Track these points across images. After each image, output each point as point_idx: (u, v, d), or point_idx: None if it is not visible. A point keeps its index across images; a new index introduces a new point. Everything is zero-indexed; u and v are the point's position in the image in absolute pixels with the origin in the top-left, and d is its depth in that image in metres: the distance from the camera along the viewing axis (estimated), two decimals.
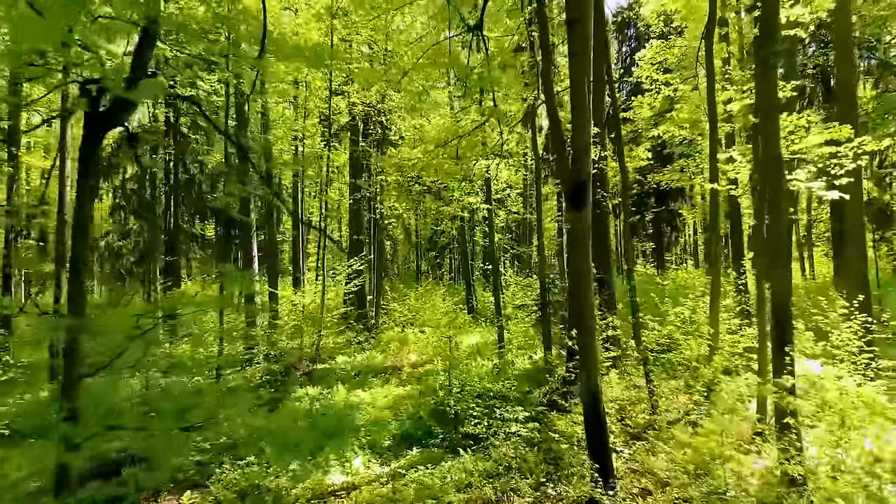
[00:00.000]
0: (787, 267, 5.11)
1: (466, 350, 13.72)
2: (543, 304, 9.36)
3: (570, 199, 5.12)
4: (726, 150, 8.90)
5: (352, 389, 10.03)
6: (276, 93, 16.15)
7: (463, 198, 9.76)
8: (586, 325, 5.17)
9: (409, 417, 8.15)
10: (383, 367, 12.59)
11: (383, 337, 15.83)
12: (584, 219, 5.10)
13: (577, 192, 5.08)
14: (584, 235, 5.10)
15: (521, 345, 12.09)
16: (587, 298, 5.19)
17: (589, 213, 5.15)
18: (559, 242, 12.73)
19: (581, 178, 5.08)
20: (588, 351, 5.15)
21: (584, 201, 5.09)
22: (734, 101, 8.82)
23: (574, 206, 5.09)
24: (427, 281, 25.85)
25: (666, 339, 9.02)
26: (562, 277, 11.43)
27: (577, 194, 5.09)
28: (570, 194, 5.10)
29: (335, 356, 13.25)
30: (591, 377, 5.10)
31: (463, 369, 8.56)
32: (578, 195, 5.08)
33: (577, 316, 5.23)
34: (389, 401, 9.31)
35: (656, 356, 8.52)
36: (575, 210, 5.10)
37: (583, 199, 5.08)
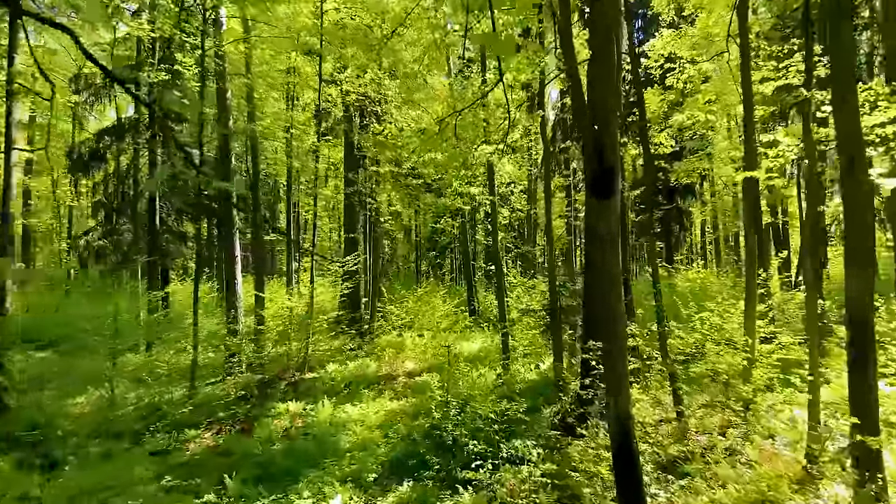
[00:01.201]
0: (869, 266, 4.08)
1: (468, 356, 12.71)
2: (553, 309, 8.34)
3: (593, 186, 4.09)
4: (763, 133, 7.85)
5: (339, 404, 9.02)
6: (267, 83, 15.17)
7: (463, 188, 8.75)
8: (615, 340, 4.14)
9: (403, 439, 7.14)
10: (377, 376, 11.57)
11: (379, 342, 14.81)
12: (612, 210, 4.08)
13: (603, 176, 4.06)
14: (612, 230, 4.07)
15: (526, 351, 11.07)
16: (616, 307, 4.16)
17: (618, 202, 4.13)
18: (568, 241, 11.68)
19: (608, 159, 4.06)
20: (617, 371, 4.13)
21: (611, 188, 4.06)
22: (768, 80, 7.80)
23: (599, 193, 4.07)
24: (427, 282, 24.85)
25: (692, 348, 7.98)
26: (571, 279, 10.36)
27: (603, 179, 4.06)
28: (595, 179, 4.08)
29: (326, 364, 12.24)
30: (620, 404, 4.07)
31: (463, 384, 7.54)
32: (605, 180, 4.06)
33: (604, 328, 4.21)
34: (380, 417, 8.29)
35: (683, 369, 7.49)
36: (600, 199, 4.08)
37: (610, 186, 4.06)
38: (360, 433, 7.50)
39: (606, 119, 4.11)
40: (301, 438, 7.30)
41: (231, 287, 11.20)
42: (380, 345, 14.42)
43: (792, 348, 7.77)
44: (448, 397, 6.77)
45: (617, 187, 4.09)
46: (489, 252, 25.06)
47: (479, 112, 5.77)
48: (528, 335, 10.78)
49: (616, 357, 4.11)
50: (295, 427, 7.86)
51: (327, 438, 7.25)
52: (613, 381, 4.13)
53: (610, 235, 4.08)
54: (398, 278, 27.94)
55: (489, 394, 7.17)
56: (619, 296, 4.14)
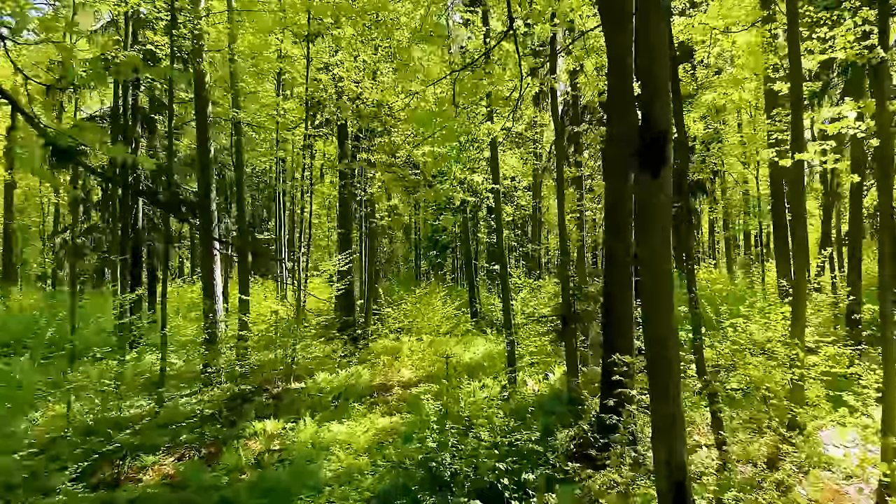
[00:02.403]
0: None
1: (469, 363, 11.68)
2: (566, 315, 7.31)
3: (640, 157, 3.05)
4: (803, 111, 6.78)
5: (325, 421, 8.00)
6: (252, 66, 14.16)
7: (465, 174, 7.73)
8: (665, 365, 3.08)
9: (393, 467, 6.10)
10: (369, 386, 10.56)
11: (374, 347, 13.78)
12: (662, 187, 3.03)
13: (653, 145, 3.02)
14: (663, 213, 3.03)
15: (534, 360, 10.05)
16: (665, 319, 3.10)
17: (670, 178, 3.09)
18: (579, 238, 10.64)
19: (658, 120, 3.03)
20: (667, 408, 3.08)
21: (662, 159, 3.02)
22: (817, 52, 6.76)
23: (648, 165, 3.03)
24: (427, 282, 23.85)
25: (728, 360, 6.94)
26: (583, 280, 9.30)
27: (652, 149, 3.03)
28: (643, 149, 3.04)
29: (315, 372, 11.21)
30: (675, 456, 3.02)
31: (464, 401, 6.50)
32: (655, 150, 3.02)
33: (652, 349, 3.16)
34: (369, 438, 7.28)
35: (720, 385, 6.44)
36: (648, 174, 3.03)
37: (661, 155, 3.02)
38: (344, 459, 6.48)
39: (655, 64, 3.07)
40: (275, 466, 6.28)
41: (209, 289, 10.19)
42: (374, 350, 13.40)
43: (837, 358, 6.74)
44: (447, 423, 5.74)
45: (669, 158, 3.05)
46: (491, 251, 24.06)
47: (483, 80, 4.79)
48: (535, 342, 9.74)
49: (667, 388, 3.06)
50: (270, 450, 6.85)
51: (306, 466, 6.23)
52: (664, 422, 3.08)
53: (661, 221, 3.04)
54: (397, 278, 26.94)
55: (493, 411, 6.13)
56: (669, 305, 3.10)
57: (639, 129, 3.08)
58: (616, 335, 6.06)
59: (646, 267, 3.13)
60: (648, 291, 3.17)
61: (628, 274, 6.07)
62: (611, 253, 6.22)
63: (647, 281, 3.18)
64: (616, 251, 6.14)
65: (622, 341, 6.01)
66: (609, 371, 5.92)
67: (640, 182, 3.15)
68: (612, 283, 6.21)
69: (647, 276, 3.15)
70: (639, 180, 3.17)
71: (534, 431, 5.79)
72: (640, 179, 3.14)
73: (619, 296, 6.05)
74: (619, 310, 6.03)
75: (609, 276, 6.26)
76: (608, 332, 6.19)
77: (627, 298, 6.08)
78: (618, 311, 6.07)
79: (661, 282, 3.09)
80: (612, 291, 6.19)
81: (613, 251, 6.14)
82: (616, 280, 6.08)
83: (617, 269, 6.10)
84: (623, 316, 6.07)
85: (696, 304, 5.61)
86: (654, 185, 3.06)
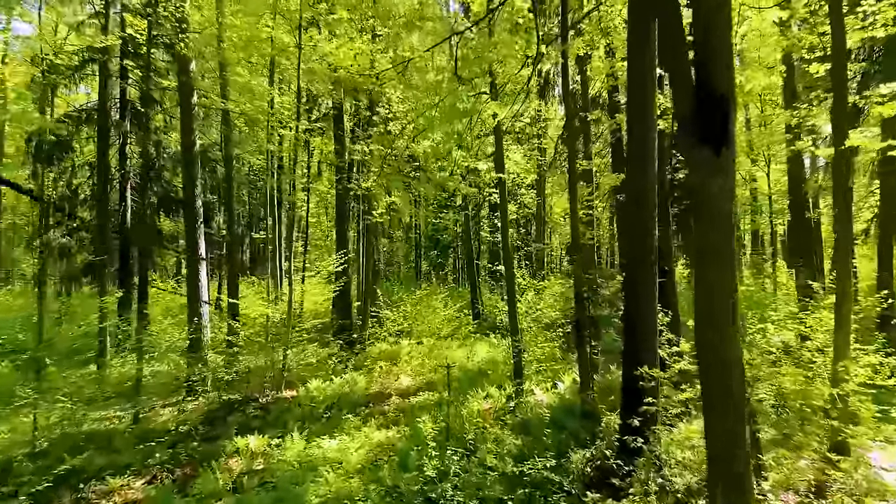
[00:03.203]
0: None
1: (472, 369, 11.00)
2: (580, 320, 6.62)
3: (696, 130, 2.38)
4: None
5: (315, 435, 7.33)
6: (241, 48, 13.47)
7: (468, 162, 7.03)
8: (728, 399, 2.40)
9: (388, 492, 5.44)
10: (365, 395, 9.88)
11: (371, 352, 13.12)
12: (725, 170, 2.36)
13: (713, 113, 2.35)
14: (724, 203, 2.36)
15: (541, 367, 9.38)
16: (726, 320, 2.42)
17: (734, 157, 2.41)
18: (591, 237, 9.95)
19: (718, 80, 2.35)
20: (733, 455, 2.40)
21: (725, 131, 2.35)
22: None
23: (708, 141, 2.35)
24: (428, 283, 23.18)
25: (759, 371, 6.25)
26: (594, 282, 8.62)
27: (712, 119, 2.35)
28: (699, 119, 2.36)
29: (308, 380, 10.55)
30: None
31: (468, 423, 5.82)
32: (716, 119, 2.34)
33: (709, 375, 2.48)
34: (362, 456, 6.59)
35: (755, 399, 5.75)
36: (707, 151, 2.36)
37: (723, 127, 2.35)
38: (333, 482, 5.80)
39: (714, 15, 2.39)
40: (256, 491, 5.61)
41: (193, 291, 9.53)
42: (372, 355, 12.73)
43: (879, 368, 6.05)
44: (449, 444, 5.06)
45: (732, 131, 2.37)
46: (494, 251, 23.37)
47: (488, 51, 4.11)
48: (543, 348, 9.06)
49: (730, 428, 2.38)
50: (252, 471, 6.18)
51: (290, 491, 5.56)
52: (726, 473, 2.40)
53: (723, 212, 2.37)
54: (397, 279, 26.29)
55: (500, 433, 5.45)
56: (732, 305, 2.42)
57: (693, 95, 2.40)
58: (640, 344, 5.38)
59: (707, 266, 2.44)
60: (706, 293, 2.49)
61: (652, 275, 5.40)
62: (632, 251, 5.54)
63: (709, 281, 2.50)
64: (638, 249, 5.46)
65: (646, 351, 5.33)
66: (632, 385, 5.25)
67: (695, 163, 2.47)
68: (634, 285, 5.53)
69: (710, 275, 2.47)
70: (693, 161, 2.49)
71: (546, 454, 5.10)
72: (696, 160, 2.46)
73: (643, 299, 5.37)
74: (644, 315, 5.35)
75: (631, 277, 5.57)
76: (631, 340, 5.50)
77: (652, 302, 5.41)
78: (642, 317, 5.39)
79: (724, 282, 2.41)
80: (636, 294, 5.51)
81: (636, 249, 5.46)
82: (639, 281, 5.40)
83: (640, 270, 5.42)
84: (648, 322, 5.40)
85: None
86: (714, 165, 2.38)
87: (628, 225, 5.73)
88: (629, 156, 5.64)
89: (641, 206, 5.42)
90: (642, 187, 5.48)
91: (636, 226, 5.42)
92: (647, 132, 5.31)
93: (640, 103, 5.41)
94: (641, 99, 5.41)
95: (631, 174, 5.69)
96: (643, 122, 5.38)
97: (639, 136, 5.46)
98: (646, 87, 5.37)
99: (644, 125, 5.39)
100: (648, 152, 5.44)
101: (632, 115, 5.59)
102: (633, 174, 5.66)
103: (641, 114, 5.42)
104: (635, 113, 5.52)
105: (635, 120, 5.52)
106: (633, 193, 5.52)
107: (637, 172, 5.61)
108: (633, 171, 5.67)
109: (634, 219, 5.49)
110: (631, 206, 5.54)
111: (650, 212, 5.38)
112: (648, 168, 5.48)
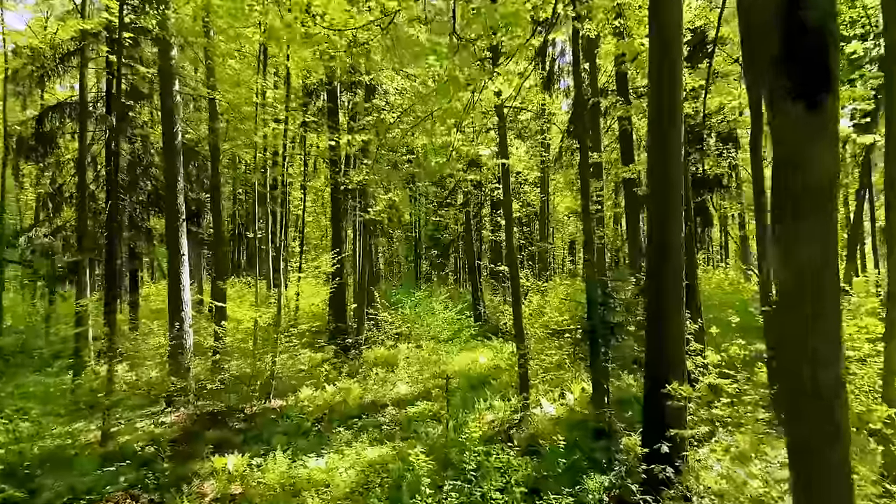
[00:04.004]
0: None
1: (473, 375, 10.35)
2: (595, 326, 5.95)
3: (779, 74, 1.71)
4: None
5: (302, 452, 6.67)
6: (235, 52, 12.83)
7: (468, 147, 6.38)
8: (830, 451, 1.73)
9: None
10: (359, 405, 9.24)
11: (367, 357, 12.48)
12: (826, 130, 1.68)
13: (806, 49, 1.68)
14: (826, 177, 1.69)
15: (549, 376, 8.71)
16: (835, 332, 1.75)
17: (837, 114, 1.73)
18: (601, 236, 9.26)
19: (815, 11, 1.68)
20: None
21: (825, 74, 1.67)
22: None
23: (803, 93, 1.68)
24: (428, 283, 22.53)
25: None
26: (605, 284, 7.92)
27: (806, 57, 1.68)
28: (783, 57, 1.69)
29: (298, 388, 9.90)
30: None
31: (469, 453, 5.14)
32: (811, 58, 1.68)
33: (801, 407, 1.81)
34: (353, 477, 5.93)
35: None
36: (799, 105, 1.69)
37: (823, 70, 1.67)
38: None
39: None
40: None
41: (175, 294, 8.88)
42: (368, 361, 12.09)
43: None
44: (447, 473, 4.40)
45: (835, 75, 1.70)
46: (495, 250, 22.72)
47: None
48: (551, 355, 8.40)
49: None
50: (228, 496, 5.52)
51: None
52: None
53: (825, 191, 1.70)
54: (397, 280, 25.66)
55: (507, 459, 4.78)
56: (837, 334, 1.75)
57: (782, 22, 1.73)
58: (666, 355, 4.70)
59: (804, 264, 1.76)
60: (801, 298, 1.81)
61: (680, 277, 4.72)
62: (657, 250, 4.85)
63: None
64: (663, 247, 4.78)
65: (673, 364, 4.66)
66: (656, 403, 4.57)
67: (782, 124, 1.79)
68: (658, 288, 4.84)
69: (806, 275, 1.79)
70: (778, 125, 1.81)
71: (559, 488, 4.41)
72: (781, 123, 1.79)
73: (669, 304, 4.69)
74: (671, 322, 4.67)
75: (656, 279, 4.87)
76: (656, 351, 4.82)
77: (679, 308, 4.73)
78: (667, 324, 4.71)
79: (828, 284, 1.74)
80: (660, 298, 4.82)
81: (662, 247, 4.77)
82: (665, 283, 4.72)
83: (665, 271, 4.74)
84: (674, 330, 4.72)
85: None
86: (808, 127, 1.70)
87: (651, 220, 5.04)
88: (653, 140, 4.95)
89: (667, 198, 4.74)
90: (668, 175, 4.80)
91: (660, 221, 4.75)
92: (674, 108, 4.62)
93: (669, 65, 4.69)
94: (669, 65, 4.70)
95: (655, 159, 4.99)
96: (671, 94, 4.68)
97: (667, 109, 4.72)
98: (671, 46, 4.67)
99: (672, 98, 4.69)
100: (676, 132, 4.74)
101: (656, 85, 4.86)
102: (658, 153, 4.95)
103: (671, 83, 4.69)
104: (660, 81, 4.77)
105: (661, 91, 4.79)
106: (658, 183, 4.84)
107: (662, 152, 4.90)
108: (657, 156, 4.97)
109: (659, 213, 4.81)
110: (655, 198, 4.86)
111: (677, 204, 4.71)
112: (674, 149, 4.78)
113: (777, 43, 1.70)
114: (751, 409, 4.82)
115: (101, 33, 12.15)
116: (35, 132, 14.45)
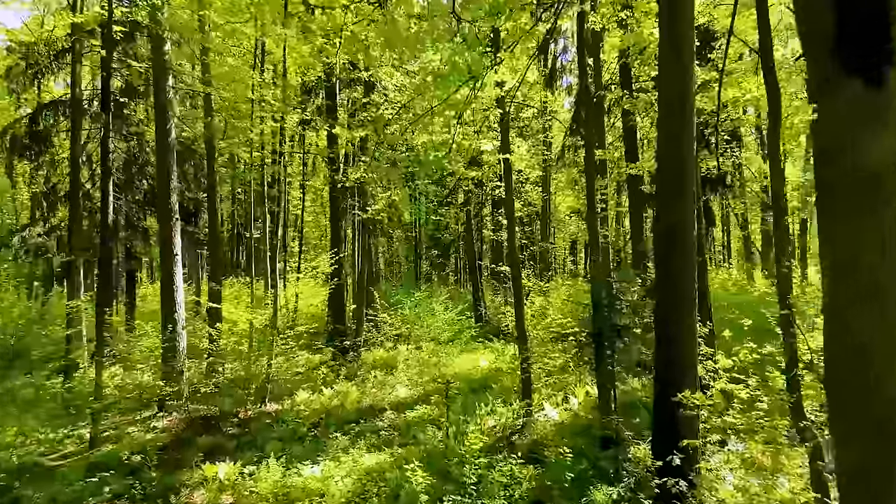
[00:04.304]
0: None
1: (474, 378, 10.12)
2: (601, 330, 5.71)
3: (833, 50, 1.47)
4: None
5: (297, 459, 6.43)
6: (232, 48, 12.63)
7: (469, 141, 6.15)
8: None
9: None
10: (357, 409, 8.99)
11: (366, 359, 12.24)
12: (883, 112, 1.45)
13: (867, 17, 1.44)
14: (887, 163, 1.45)
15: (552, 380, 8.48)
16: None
17: None
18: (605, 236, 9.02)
19: None
20: None
21: (887, 45, 1.43)
22: None
23: (860, 67, 1.44)
24: (428, 284, 22.31)
25: None
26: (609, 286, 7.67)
27: (867, 25, 1.44)
28: (840, 20, 1.46)
29: (295, 391, 9.67)
30: None
31: (469, 468, 4.90)
32: (872, 27, 1.44)
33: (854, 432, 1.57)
34: (349, 487, 5.70)
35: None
36: (857, 82, 1.45)
37: (884, 41, 1.43)
38: None
39: None
40: None
41: (168, 295, 8.65)
42: (366, 363, 11.86)
43: None
44: (446, 487, 4.16)
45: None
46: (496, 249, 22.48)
47: None
48: (554, 358, 8.16)
49: None
50: None
51: None
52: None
53: (886, 181, 1.46)
54: (397, 280, 25.43)
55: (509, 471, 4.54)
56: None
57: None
58: (678, 360, 4.46)
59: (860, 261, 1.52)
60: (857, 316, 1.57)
61: (693, 279, 4.48)
62: (666, 231, 4.59)
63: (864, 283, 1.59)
64: (672, 227, 4.51)
65: (685, 369, 4.42)
66: (667, 410, 4.33)
67: (833, 109, 1.55)
68: (669, 291, 4.60)
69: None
70: (830, 107, 1.57)
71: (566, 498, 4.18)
72: (835, 104, 1.54)
73: (681, 306, 4.45)
74: (683, 325, 4.43)
75: (666, 282, 4.63)
76: (665, 356, 4.58)
77: (691, 311, 4.49)
78: (679, 328, 4.47)
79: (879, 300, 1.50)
80: (671, 301, 4.58)
81: (671, 228, 4.51)
82: (677, 286, 4.47)
83: (677, 272, 4.50)
84: (685, 334, 4.48)
85: (792, 322, 4.00)
86: (866, 108, 1.46)
87: (662, 217, 4.80)
88: (663, 133, 4.71)
89: (679, 193, 4.49)
90: (680, 168, 4.55)
91: (671, 196, 4.48)
92: (685, 95, 4.37)
93: (677, 46, 4.45)
94: (678, 49, 4.46)
95: (665, 151, 4.75)
96: (682, 82, 4.44)
97: (677, 97, 4.47)
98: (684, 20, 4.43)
99: (682, 85, 4.44)
100: (686, 120, 4.49)
101: (665, 70, 4.62)
102: (668, 152, 4.71)
103: (680, 68, 4.44)
104: (670, 64, 4.52)
105: (670, 76, 4.54)
106: (669, 177, 4.60)
107: (673, 149, 4.66)
108: (668, 149, 4.72)
109: (670, 209, 4.57)
110: (666, 193, 4.62)
111: (690, 179, 4.45)
112: (685, 141, 4.53)
113: (830, 9, 1.46)
114: (766, 417, 4.58)
115: (94, 29, 11.93)
116: (29, 130, 14.23)
